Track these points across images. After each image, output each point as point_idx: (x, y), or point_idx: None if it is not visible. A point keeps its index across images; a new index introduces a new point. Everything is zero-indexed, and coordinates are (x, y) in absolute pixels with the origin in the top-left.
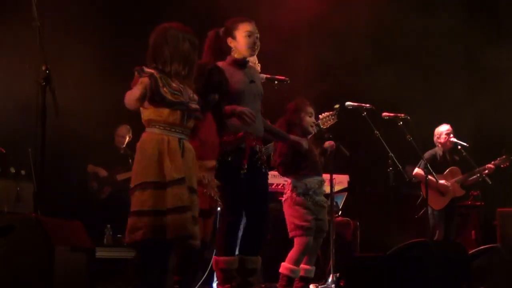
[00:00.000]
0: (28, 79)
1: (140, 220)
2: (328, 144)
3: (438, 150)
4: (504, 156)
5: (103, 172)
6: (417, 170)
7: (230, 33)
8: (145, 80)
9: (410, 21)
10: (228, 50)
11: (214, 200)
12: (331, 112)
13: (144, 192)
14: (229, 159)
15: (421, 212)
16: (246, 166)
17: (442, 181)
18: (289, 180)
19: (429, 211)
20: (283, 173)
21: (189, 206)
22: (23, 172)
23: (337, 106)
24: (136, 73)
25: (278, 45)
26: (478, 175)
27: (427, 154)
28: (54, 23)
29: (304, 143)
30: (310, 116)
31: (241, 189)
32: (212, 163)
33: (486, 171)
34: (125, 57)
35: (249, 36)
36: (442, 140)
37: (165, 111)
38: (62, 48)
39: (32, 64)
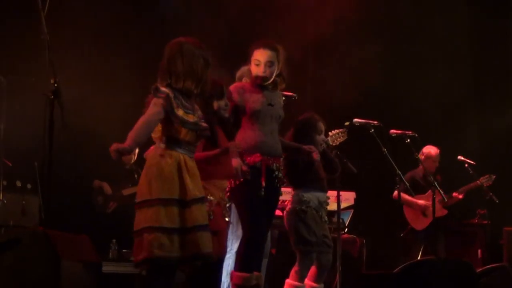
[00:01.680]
0: (36, 92)
1: (167, 237)
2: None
3: (419, 171)
4: (487, 176)
5: (108, 189)
6: (395, 193)
7: (249, 57)
8: (158, 101)
9: None
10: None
11: (227, 221)
12: (341, 130)
13: (168, 209)
14: (248, 177)
15: (405, 232)
16: (264, 185)
17: (422, 202)
18: (293, 193)
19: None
20: (289, 184)
21: (208, 225)
22: (29, 185)
23: (347, 123)
24: (151, 93)
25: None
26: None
27: (408, 175)
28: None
29: (316, 153)
30: (319, 134)
31: (260, 206)
32: (226, 184)
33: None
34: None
35: (257, 65)
36: (428, 164)
37: (183, 130)
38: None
39: (40, 77)
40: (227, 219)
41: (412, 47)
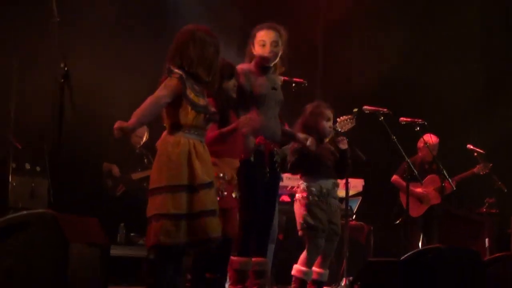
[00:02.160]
0: (46, 75)
1: (173, 223)
2: (339, 140)
3: (417, 158)
4: (482, 164)
5: (116, 171)
6: (395, 177)
7: (252, 40)
8: (171, 81)
9: None
10: (252, 56)
11: (237, 199)
12: (349, 116)
13: (175, 195)
14: (252, 159)
15: (399, 220)
16: (268, 170)
17: (419, 189)
18: (301, 180)
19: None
20: (293, 172)
21: (217, 210)
22: (38, 168)
23: (355, 110)
24: (165, 73)
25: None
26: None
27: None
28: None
29: (310, 142)
30: (327, 121)
31: (261, 190)
32: (238, 163)
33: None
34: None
35: (263, 45)
36: (425, 151)
37: (191, 114)
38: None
39: (50, 60)
40: (236, 196)
41: (426, 36)
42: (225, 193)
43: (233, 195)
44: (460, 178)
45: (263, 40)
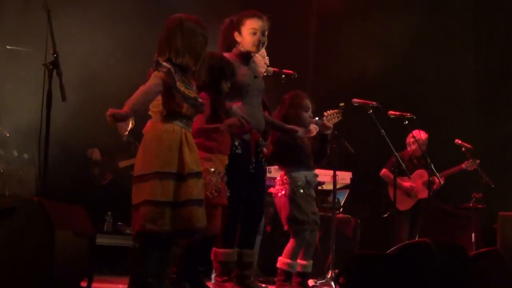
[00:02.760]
0: (35, 63)
1: (158, 210)
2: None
3: (406, 153)
4: (470, 160)
5: (97, 154)
6: (384, 171)
7: (237, 27)
8: (159, 74)
9: None
10: (234, 43)
11: (226, 195)
12: (336, 110)
13: (163, 182)
14: (239, 151)
15: (387, 214)
16: (254, 161)
17: (407, 183)
18: (283, 172)
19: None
20: (276, 162)
21: (203, 200)
22: (26, 155)
23: (342, 104)
24: (153, 65)
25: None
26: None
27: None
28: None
29: (300, 131)
30: (306, 111)
31: (245, 182)
32: (227, 160)
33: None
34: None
35: (253, 33)
36: (414, 147)
37: (184, 105)
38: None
39: (40, 48)
40: (229, 194)
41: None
42: (220, 192)
43: (227, 193)
44: (447, 174)
45: (254, 29)
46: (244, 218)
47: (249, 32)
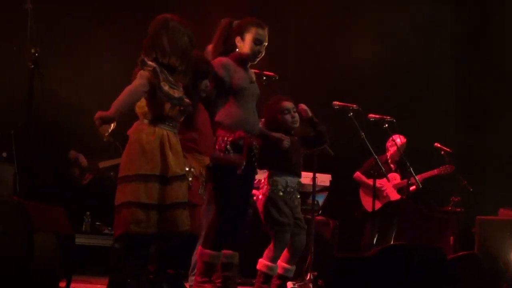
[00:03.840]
0: (16, 61)
1: (144, 213)
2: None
3: (383, 157)
4: (446, 165)
5: (83, 161)
6: (357, 173)
7: (241, 32)
8: (145, 73)
9: None
10: (233, 47)
11: (202, 197)
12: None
13: (148, 184)
14: (231, 153)
15: (358, 213)
16: (244, 164)
17: (377, 185)
18: (266, 176)
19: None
20: (261, 166)
21: (187, 202)
22: (4, 154)
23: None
24: (138, 65)
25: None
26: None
27: (371, 160)
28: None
29: (286, 142)
30: (286, 114)
31: (239, 185)
32: (208, 160)
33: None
34: (109, 42)
35: (256, 44)
36: (392, 151)
37: (167, 106)
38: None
39: (21, 47)
40: (203, 194)
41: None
42: (192, 187)
43: (199, 192)
44: (422, 178)
45: (261, 40)
46: None
47: (253, 41)
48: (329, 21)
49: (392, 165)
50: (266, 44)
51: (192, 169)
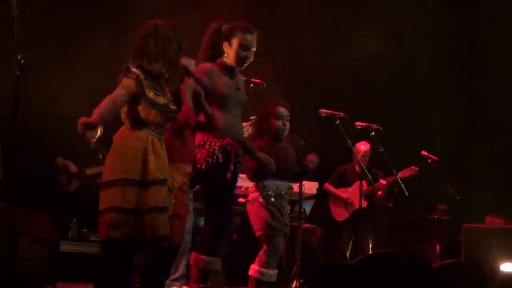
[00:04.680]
0: (2, 68)
1: (122, 217)
2: (310, 160)
3: (353, 164)
4: (412, 167)
5: (73, 167)
6: (326, 184)
7: (228, 38)
8: (129, 82)
9: None
10: (220, 52)
11: (188, 207)
12: (248, 123)
13: (126, 189)
14: (220, 160)
15: (329, 222)
16: (232, 169)
17: (344, 194)
18: (256, 181)
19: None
20: (252, 179)
21: (168, 207)
22: None
23: (252, 118)
24: (122, 72)
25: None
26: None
27: (340, 169)
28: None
29: (271, 166)
30: (279, 119)
31: (229, 189)
32: (190, 168)
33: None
34: (95, 50)
35: (243, 49)
36: (357, 158)
37: (153, 112)
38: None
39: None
40: (189, 204)
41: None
42: (174, 200)
43: (184, 202)
44: (387, 183)
45: (248, 46)
46: None
47: (239, 46)
48: (316, 28)
49: (360, 173)
50: (254, 49)
51: (174, 181)
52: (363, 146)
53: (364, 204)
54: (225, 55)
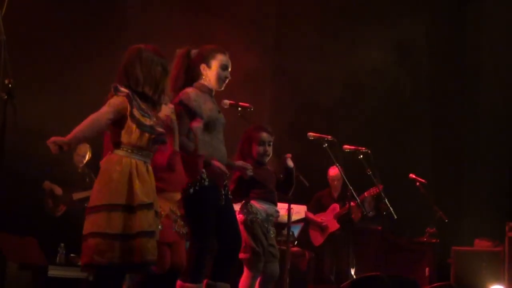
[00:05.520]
0: None
1: (107, 243)
2: (287, 157)
3: (327, 190)
4: (376, 186)
5: (58, 190)
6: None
7: (205, 60)
8: (117, 100)
9: None
10: (198, 75)
11: (182, 234)
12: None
13: (111, 214)
14: (206, 184)
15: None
16: (223, 193)
17: (319, 219)
18: (242, 203)
19: None
20: (234, 200)
21: (156, 232)
22: None
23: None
24: (111, 91)
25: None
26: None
27: (316, 195)
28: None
29: (249, 170)
30: (261, 145)
31: (213, 215)
32: (179, 196)
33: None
34: (85, 72)
35: (223, 69)
36: (333, 184)
37: (135, 134)
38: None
39: None
40: (180, 230)
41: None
42: (160, 227)
43: (174, 229)
44: (361, 199)
45: (227, 65)
46: (219, 250)
47: (221, 67)
48: (306, 51)
49: (335, 195)
50: (229, 68)
51: (160, 210)
52: (332, 170)
53: (336, 226)
54: (203, 77)
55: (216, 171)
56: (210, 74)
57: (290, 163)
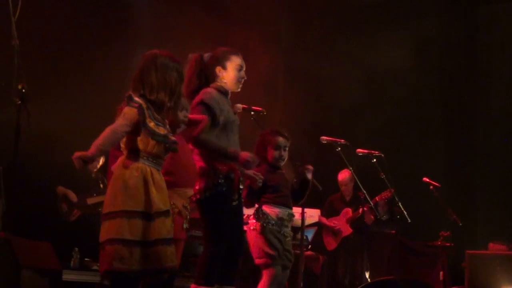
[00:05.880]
0: (3, 98)
1: (127, 249)
2: (307, 168)
3: (338, 194)
4: (388, 190)
5: (72, 196)
6: (319, 217)
7: (221, 62)
8: (131, 111)
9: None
10: (214, 77)
11: (186, 230)
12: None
13: (132, 221)
14: (224, 188)
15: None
16: (236, 197)
17: (332, 223)
18: (256, 208)
19: None
20: (246, 205)
21: (172, 239)
22: None
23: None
24: (124, 101)
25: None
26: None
27: (329, 199)
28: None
29: (259, 181)
30: (277, 149)
31: (228, 219)
32: (191, 191)
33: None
34: (96, 79)
35: (239, 70)
36: (343, 188)
37: (151, 143)
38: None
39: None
40: (187, 226)
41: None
42: (175, 223)
43: (184, 226)
44: (368, 208)
45: (242, 66)
46: (226, 254)
47: (236, 68)
48: (318, 56)
49: (347, 199)
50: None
51: (173, 206)
52: (340, 175)
53: (350, 231)
54: (219, 79)
55: (246, 160)
56: (226, 75)
57: (309, 176)
